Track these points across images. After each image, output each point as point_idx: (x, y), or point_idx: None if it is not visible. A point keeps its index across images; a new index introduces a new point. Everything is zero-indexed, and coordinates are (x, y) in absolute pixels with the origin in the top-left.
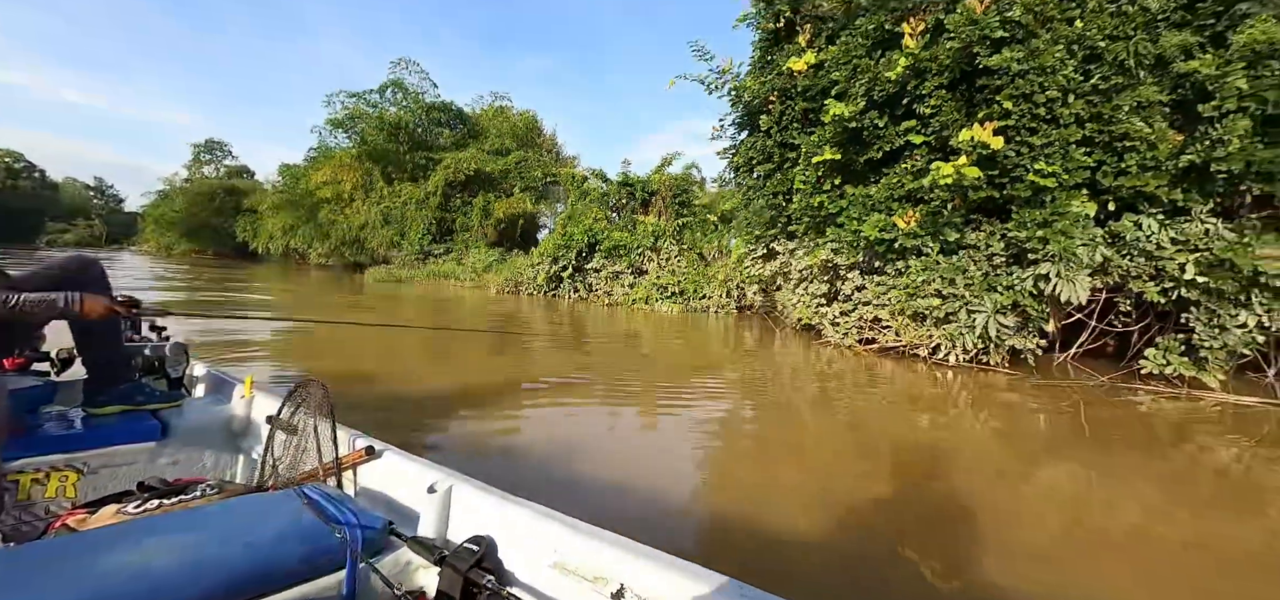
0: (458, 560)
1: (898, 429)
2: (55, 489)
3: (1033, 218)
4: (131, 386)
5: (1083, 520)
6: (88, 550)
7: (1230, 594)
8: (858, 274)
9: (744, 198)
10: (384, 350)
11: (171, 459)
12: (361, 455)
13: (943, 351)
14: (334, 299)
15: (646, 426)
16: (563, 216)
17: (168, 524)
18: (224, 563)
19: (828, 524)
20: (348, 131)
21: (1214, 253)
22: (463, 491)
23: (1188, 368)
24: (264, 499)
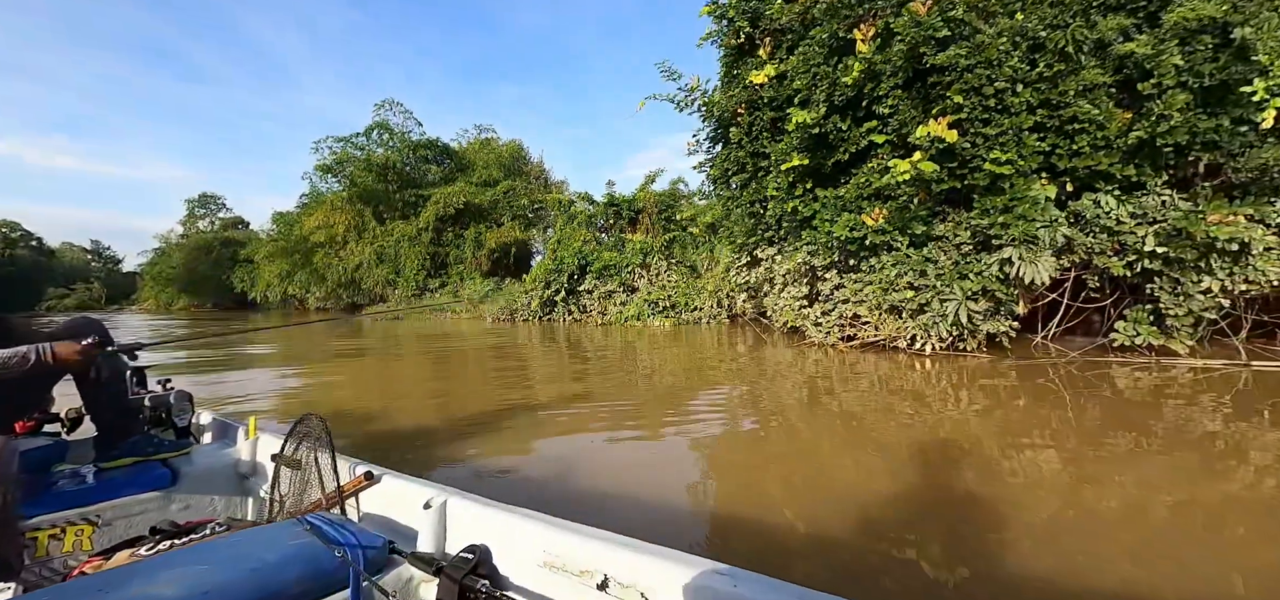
0: (454, 569)
1: (881, 419)
2: (71, 543)
3: (993, 204)
4: (141, 438)
5: (1069, 491)
6: (100, 590)
7: (1217, 546)
8: (835, 273)
9: (724, 208)
10: (384, 381)
11: (183, 504)
12: (361, 481)
13: (918, 342)
14: (332, 341)
15: (639, 434)
16: (552, 241)
17: (177, 559)
18: (231, 590)
19: (819, 512)
20: (337, 175)
21: (1171, 223)
22: (456, 505)
23: (1156, 336)
24: (269, 529)
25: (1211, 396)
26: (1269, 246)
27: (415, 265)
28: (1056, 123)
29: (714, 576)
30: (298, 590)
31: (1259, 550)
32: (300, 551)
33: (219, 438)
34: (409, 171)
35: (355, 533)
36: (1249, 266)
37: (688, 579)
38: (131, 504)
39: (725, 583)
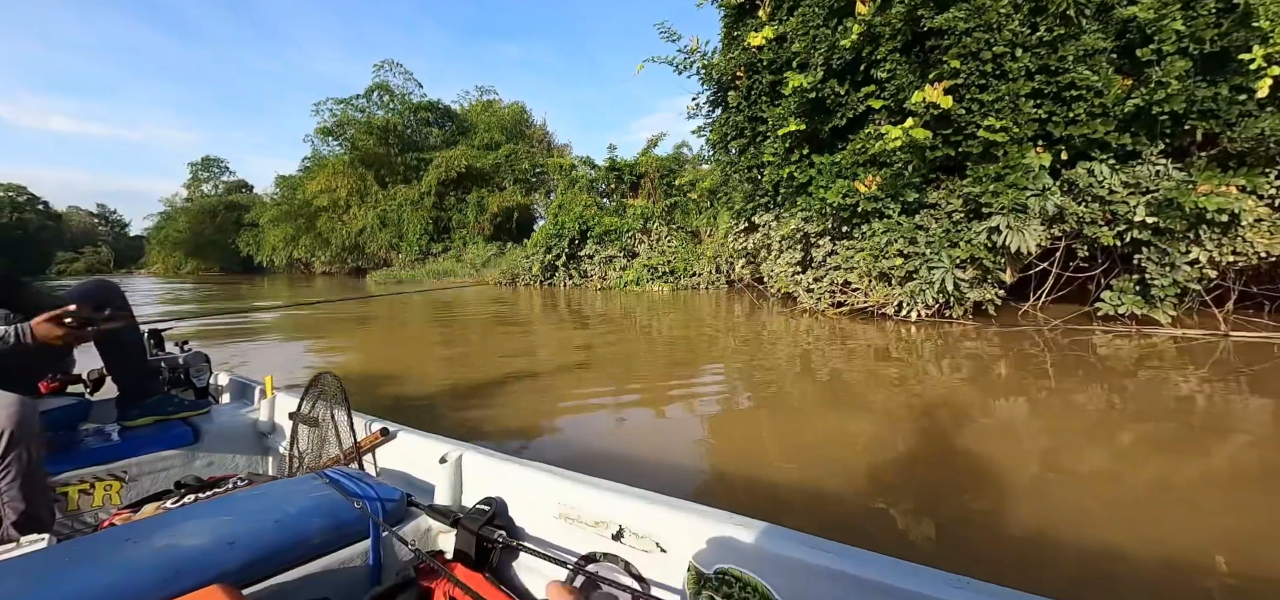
0: (471, 521)
1: (867, 383)
2: (101, 497)
3: (986, 172)
4: (161, 398)
5: (1045, 452)
6: (129, 538)
7: (1187, 506)
8: (828, 240)
9: (723, 174)
10: (390, 345)
11: (205, 461)
12: (378, 437)
13: (904, 309)
14: (336, 304)
15: (638, 395)
16: (553, 205)
17: (203, 511)
18: (256, 539)
19: (807, 468)
20: (338, 138)
21: (1162, 193)
22: (472, 459)
23: (1140, 306)
24: (290, 483)
25: (1190, 365)
26: (1259, 218)
27: (418, 230)
28: (1054, 89)
29: (730, 526)
30: (320, 540)
31: (1227, 512)
32: (320, 504)
33: (237, 398)
34: (410, 134)
35: (373, 486)
36: (1238, 237)
37: (703, 529)
38: (156, 461)
39: (742, 532)
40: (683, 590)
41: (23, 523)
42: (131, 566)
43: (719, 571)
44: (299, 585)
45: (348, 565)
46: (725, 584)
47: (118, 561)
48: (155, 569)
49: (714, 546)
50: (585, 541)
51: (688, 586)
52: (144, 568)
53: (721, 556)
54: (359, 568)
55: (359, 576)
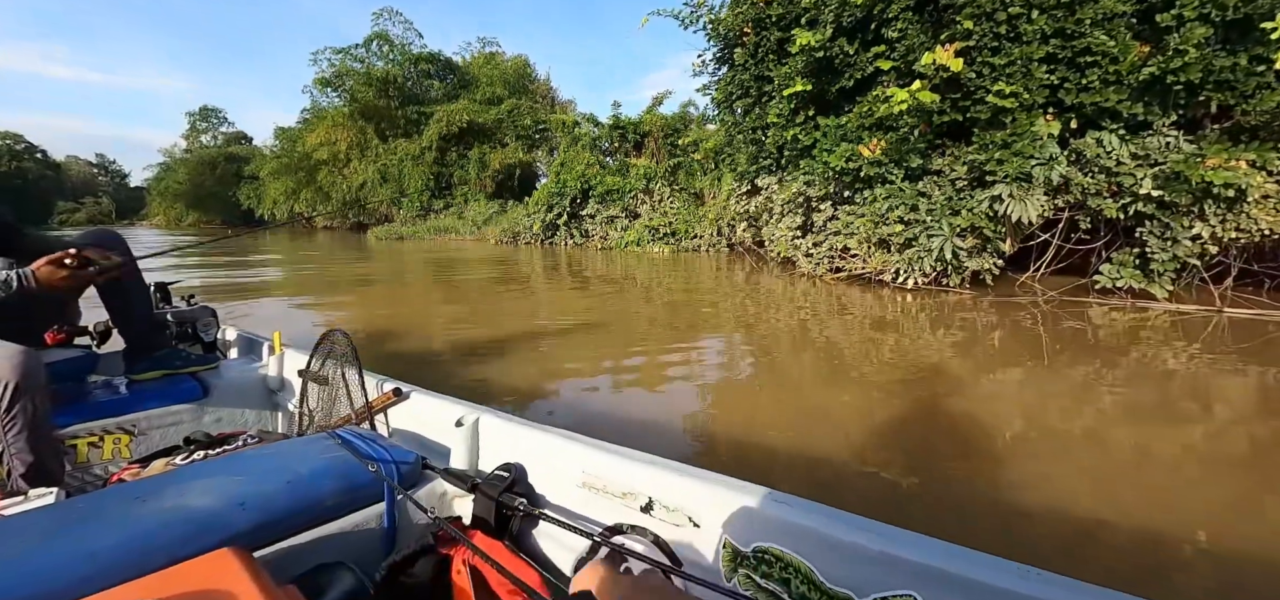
0: (490, 486)
1: (862, 348)
2: (110, 450)
3: (992, 139)
4: (169, 352)
5: (1032, 423)
6: (138, 496)
7: (1172, 479)
8: (830, 205)
9: (727, 134)
10: (393, 304)
11: (214, 417)
12: (390, 397)
13: (901, 276)
14: (339, 259)
15: (638, 358)
16: (556, 163)
17: (212, 468)
18: (267, 501)
19: (801, 432)
20: (337, 90)
21: (1170, 166)
22: (489, 423)
23: (1138, 280)
24: (301, 442)
25: (1182, 340)
26: (1267, 194)
27: (419, 185)
28: (1068, 54)
29: (771, 502)
30: (333, 502)
31: (1206, 483)
32: (333, 465)
33: (245, 353)
34: (410, 87)
35: (387, 448)
36: (1242, 214)
37: (740, 504)
38: (165, 415)
39: (784, 509)
40: (717, 567)
41: (32, 475)
42: (140, 526)
43: (758, 550)
44: (312, 548)
45: (362, 529)
46: (764, 563)
47: (126, 520)
48: (164, 529)
49: (752, 523)
50: (611, 512)
51: (723, 564)
52: (153, 528)
53: (760, 534)
54: (373, 531)
55: (374, 541)
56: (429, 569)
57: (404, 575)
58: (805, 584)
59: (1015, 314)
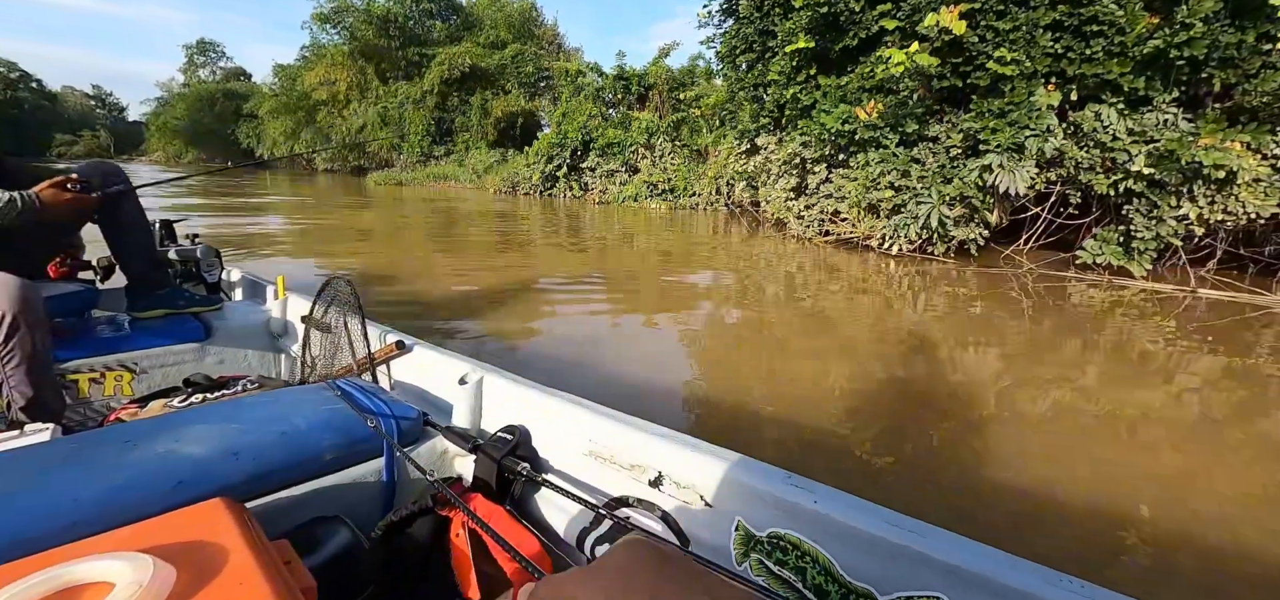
0: (492, 448)
1: (843, 313)
2: (112, 387)
3: (989, 107)
4: (172, 291)
5: (997, 393)
6: (132, 438)
7: (1129, 448)
8: (825, 167)
9: (729, 91)
10: (397, 246)
11: (217, 358)
12: (393, 349)
13: (888, 242)
14: (339, 201)
15: (622, 315)
16: (557, 113)
17: (208, 414)
18: (262, 451)
19: (778, 398)
20: (336, 27)
21: (1164, 144)
22: (494, 383)
23: (1119, 257)
24: (299, 391)
25: (1156, 317)
26: (1258, 177)
27: (420, 130)
28: (1075, 22)
29: (789, 486)
30: (331, 456)
31: (1165, 455)
32: (332, 418)
33: (248, 295)
34: (412, 26)
35: (388, 403)
36: (1231, 196)
37: (756, 485)
38: (166, 355)
39: (803, 494)
40: (728, 550)
41: (31, 409)
42: (133, 472)
43: (773, 535)
44: (308, 501)
45: (360, 484)
46: (779, 550)
47: (119, 464)
48: (156, 476)
49: (767, 506)
50: (618, 484)
51: (734, 547)
52: (145, 474)
53: (776, 519)
54: (372, 486)
55: (371, 496)
56: (428, 528)
57: (402, 534)
58: (823, 575)
59: (994, 286)
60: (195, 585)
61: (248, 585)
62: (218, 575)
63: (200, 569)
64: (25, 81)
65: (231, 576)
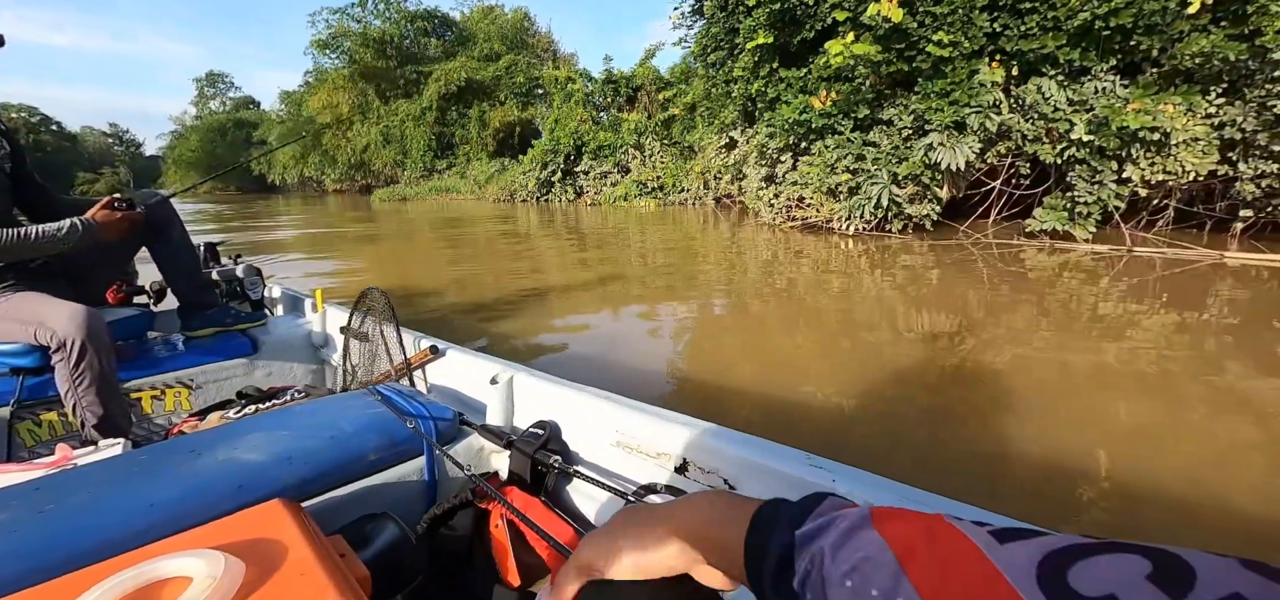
0: (525, 444)
1: (807, 290)
2: (172, 403)
3: (932, 89)
4: (220, 310)
5: (935, 351)
6: (196, 447)
7: (1066, 396)
8: (790, 157)
9: (704, 89)
10: (404, 264)
11: (265, 371)
12: (427, 354)
13: (846, 223)
14: (347, 219)
15: (607, 304)
16: (549, 120)
17: (261, 423)
18: (312, 454)
19: (752, 367)
20: (335, 52)
21: (1099, 111)
22: (524, 381)
23: (1063, 222)
24: (343, 398)
25: (1083, 275)
26: (1195, 137)
27: (422, 146)
28: (1008, 1)
29: (811, 468)
30: (375, 457)
31: (1099, 397)
32: (374, 421)
33: (289, 310)
34: (408, 45)
35: (425, 404)
36: (1170, 156)
37: (780, 469)
38: (219, 370)
39: (826, 477)
40: None
41: (102, 426)
42: (198, 478)
43: None
44: (356, 500)
45: (403, 482)
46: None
47: (186, 472)
48: (220, 480)
49: (789, 487)
50: (645, 472)
51: None
52: (210, 479)
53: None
54: (414, 484)
55: (415, 494)
56: (468, 521)
57: (445, 527)
58: None
59: (944, 255)
60: (262, 578)
61: (310, 577)
62: (281, 568)
63: (266, 563)
64: (46, 125)
65: (294, 569)
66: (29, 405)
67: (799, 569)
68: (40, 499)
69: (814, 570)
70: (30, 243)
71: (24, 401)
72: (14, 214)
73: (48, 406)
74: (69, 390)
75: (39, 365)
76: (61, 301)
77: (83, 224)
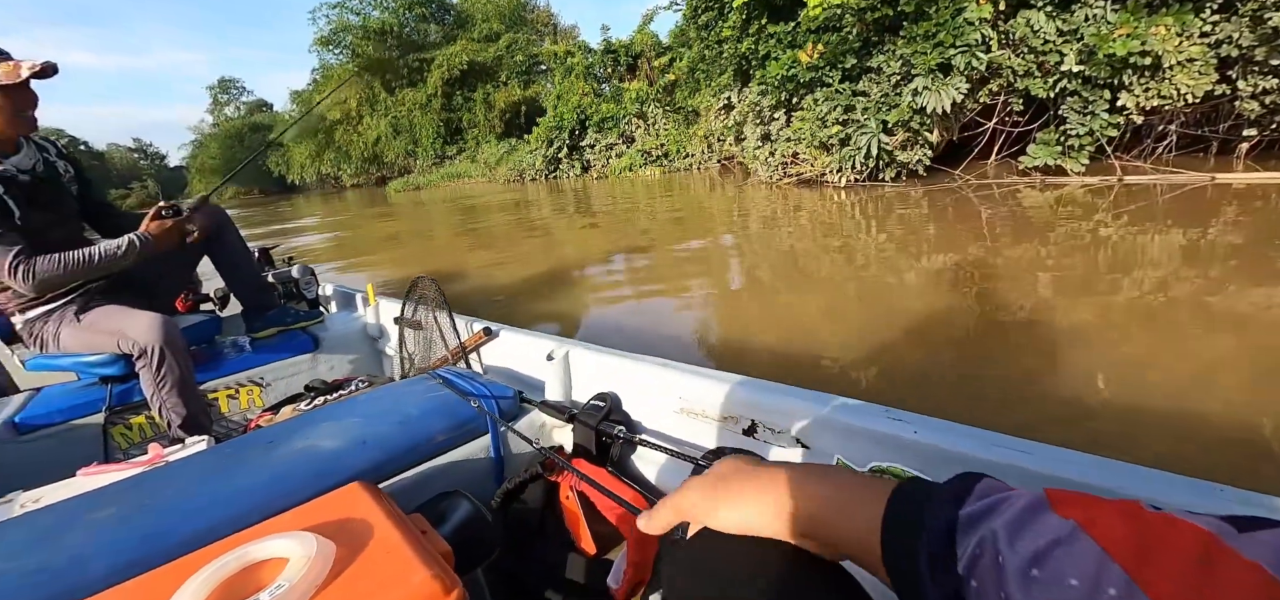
0: (587, 416)
1: (802, 244)
2: (246, 401)
3: (918, 31)
4: (279, 311)
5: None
6: (275, 439)
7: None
8: (783, 113)
9: (699, 51)
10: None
11: (327, 366)
12: (481, 336)
13: (837, 175)
14: (366, 212)
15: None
16: (552, 97)
17: (333, 413)
18: (384, 438)
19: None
20: (338, 47)
21: (1087, 39)
22: (579, 355)
23: (1057, 156)
24: (407, 384)
25: (1073, 207)
26: (1191, 57)
27: (431, 134)
28: None
29: (884, 419)
30: (442, 437)
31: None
32: (438, 403)
33: (343, 306)
34: (408, 34)
35: (485, 385)
36: (1164, 81)
37: (851, 423)
38: (285, 367)
39: (899, 426)
40: None
41: (186, 425)
42: (280, 467)
43: (874, 470)
44: (428, 478)
45: (471, 460)
46: (851, 473)
47: (269, 462)
48: (301, 468)
49: (865, 442)
50: (711, 436)
51: None
52: (291, 467)
53: (874, 453)
54: (482, 462)
55: (483, 471)
56: (539, 494)
57: (517, 500)
58: None
59: (937, 201)
60: (352, 555)
61: (397, 553)
62: (369, 546)
63: (354, 542)
64: (74, 145)
65: (380, 546)
66: (119, 411)
67: (964, 550)
68: (141, 495)
69: (984, 554)
70: (94, 264)
71: (114, 408)
72: (83, 233)
73: (135, 411)
74: (154, 393)
75: (124, 373)
76: (139, 312)
77: (140, 239)
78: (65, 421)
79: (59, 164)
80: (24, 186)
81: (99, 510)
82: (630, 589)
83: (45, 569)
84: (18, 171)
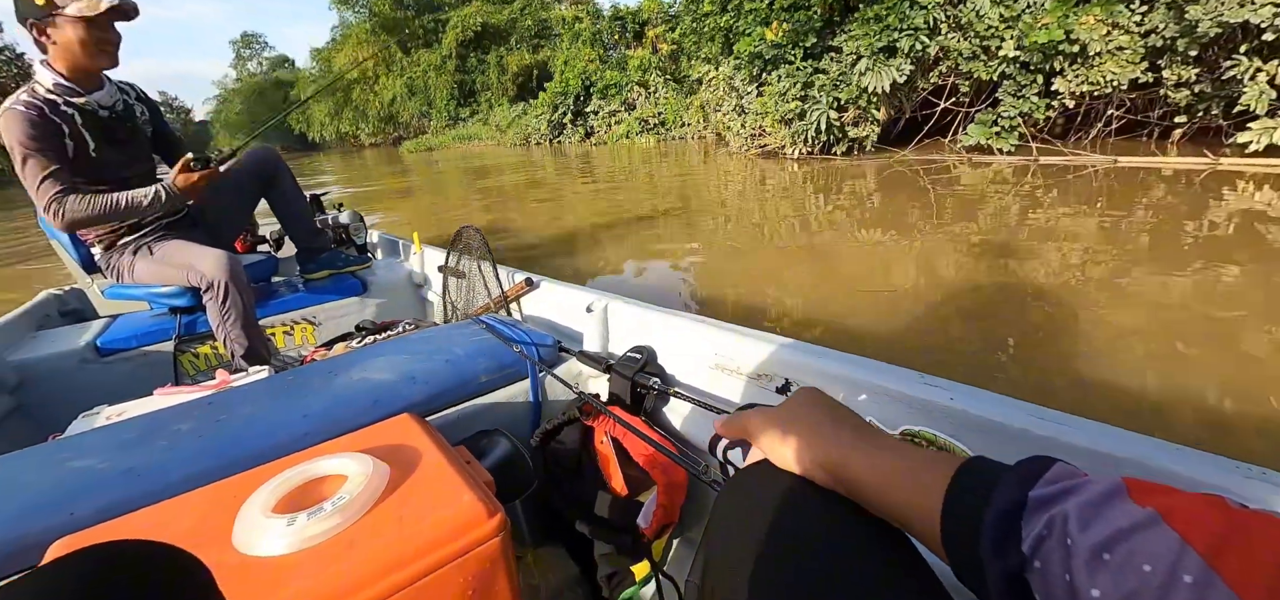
0: (624, 367)
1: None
2: (300, 338)
3: (869, 14)
4: (330, 254)
5: (879, 256)
6: (332, 370)
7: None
8: (754, 87)
9: (688, 24)
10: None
11: (374, 308)
12: (523, 287)
13: (792, 148)
14: (383, 171)
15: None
16: (559, 62)
17: (384, 350)
18: (431, 375)
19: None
20: (355, 5)
21: (1021, 27)
22: (618, 309)
23: (989, 136)
24: (452, 328)
25: (984, 185)
26: (1120, 46)
27: (445, 95)
28: None
29: (920, 384)
30: (486, 379)
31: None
32: (483, 347)
33: (389, 253)
34: None
35: (526, 333)
36: (1093, 68)
37: (885, 385)
38: (336, 308)
39: (934, 391)
40: None
41: (248, 356)
42: (339, 394)
43: (907, 432)
44: (471, 415)
45: (511, 402)
46: (912, 443)
47: (328, 390)
48: (356, 397)
49: (899, 405)
50: (746, 393)
51: None
52: (348, 396)
53: (908, 416)
54: (521, 404)
55: (522, 413)
56: (575, 437)
57: (554, 441)
58: None
59: (884, 172)
60: (404, 477)
61: (444, 478)
62: (417, 469)
63: (406, 466)
64: None
65: (429, 471)
66: (187, 340)
67: (1030, 531)
68: (214, 411)
69: (1051, 535)
70: (121, 209)
71: (183, 336)
72: (156, 171)
73: (201, 340)
74: (219, 324)
75: (192, 305)
76: (206, 248)
77: (166, 190)
78: (139, 347)
79: (137, 106)
80: (102, 122)
81: (176, 424)
82: (658, 529)
83: (133, 471)
84: (98, 107)
